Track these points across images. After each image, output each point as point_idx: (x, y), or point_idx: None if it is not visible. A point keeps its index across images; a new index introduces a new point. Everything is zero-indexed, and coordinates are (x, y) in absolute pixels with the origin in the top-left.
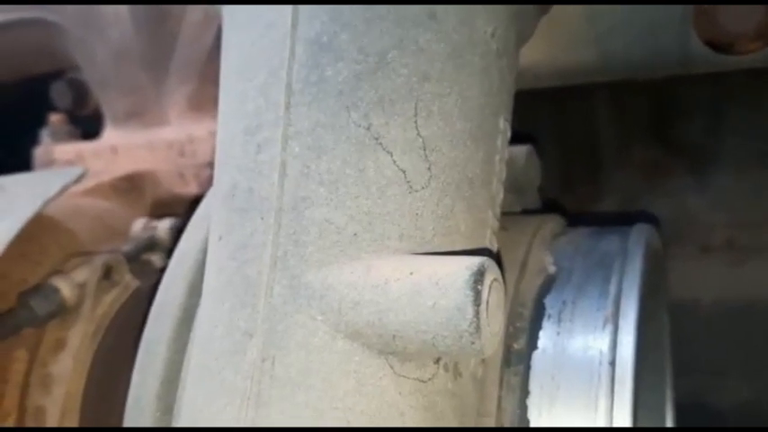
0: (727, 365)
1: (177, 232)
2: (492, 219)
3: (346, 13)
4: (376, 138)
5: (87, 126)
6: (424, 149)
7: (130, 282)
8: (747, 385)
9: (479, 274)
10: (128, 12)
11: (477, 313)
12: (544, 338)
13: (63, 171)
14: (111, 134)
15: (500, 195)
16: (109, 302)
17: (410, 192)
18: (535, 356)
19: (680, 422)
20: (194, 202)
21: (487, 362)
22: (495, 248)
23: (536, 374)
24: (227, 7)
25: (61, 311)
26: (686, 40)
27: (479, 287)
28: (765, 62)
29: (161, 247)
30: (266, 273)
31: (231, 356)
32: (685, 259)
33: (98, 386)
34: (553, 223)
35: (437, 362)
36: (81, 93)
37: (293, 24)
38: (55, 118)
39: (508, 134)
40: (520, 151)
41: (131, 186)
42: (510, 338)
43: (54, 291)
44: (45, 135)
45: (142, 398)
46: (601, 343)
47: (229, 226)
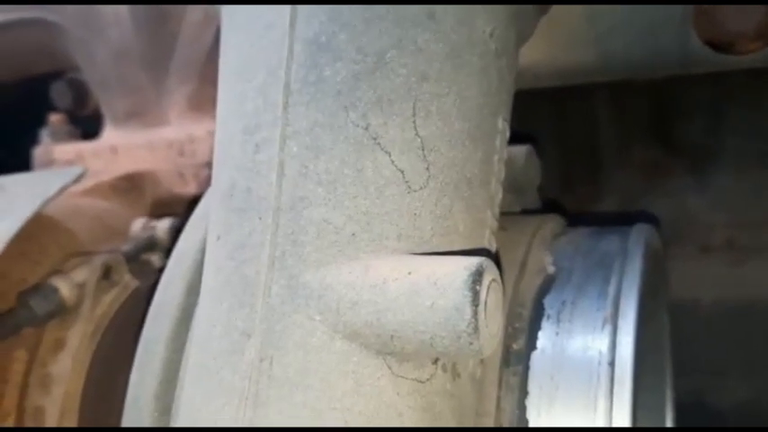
0: (726, 365)
1: (177, 232)
2: (491, 219)
3: (345, 13)
4: (374, 138)
5: (87, 126)
6: (423, 149)
7: (130, 282)
8: (747, 385)
9: (478, 275)
10: (128, 12)
11: (475, 314)
12: (543, 339)
13: (62, 171)
14: (110, 134)
15: (499, 195)
16: (108, 302)
17: (408, 192)
18: (534, 357)
19: (680, 422)
20: (194, 202)
21: (486, 362)
22: (493, 249)
23: (535, 375)
24: (225, 8)
25: (60, 311)
26: (686, 40)
27: (478, 287)
28: (765, 62)
29: (160, 247)
30: (264, 272)
31: (229, 356)
32: (685, 259)
33: (97, 386)
34: (553, 223)
35: (435, 362)
36: (81, 93)
37: (291, 24)
38: (55, 118)
39: (507, 134)
40: (519, 151)
41: (131, 186)
42: (509, 339)
43: (53, 291)
44: (45, 135)
45: (140, 397)
46: (600, 343)
47: (227, 226)
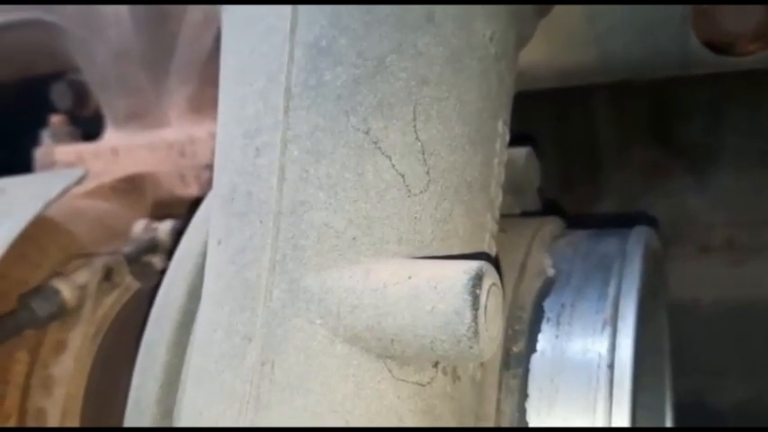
0: (726, 365)
1: (178, 234)
2: (491, 222)
3: (345, 18)
4: (375, 142)
5: (88, 127)
6: (423, 153)
7: (131, 283)
8: (747, 385)
9: (478, 279)
10: (128, 12)
11: (475, 318)
12: (543, 341)
13: (64, 173)
14: (111, 135)
15: (499, 199)
16: (109, 304)
17: (409, 196)
18: (534, 359)
19: (680, 423)
20: (195, 204)
21: (486, 365)
22: (493, 252)
23: (535, 377)
24: (226, 10)
25: (62, 313)
26: (686, 41)
27: (478, 291)
28: (765, 63)
29: (162, 249)
30: (265, 276)
31: (230, 360)
32: (685, 259)
33: (99, 388)
34: (552, 225)
35: (436, 366)
36: (81, 94)
37: (292, 28)
38: (55, 119)
39: (507, 137)
40: (519, 153)
41: (132, 187)
42: (509, 341)
43: (55, 292)
44: (45, 136)
45: (142, 401)
46: (599, 346)
47: (228, 230)
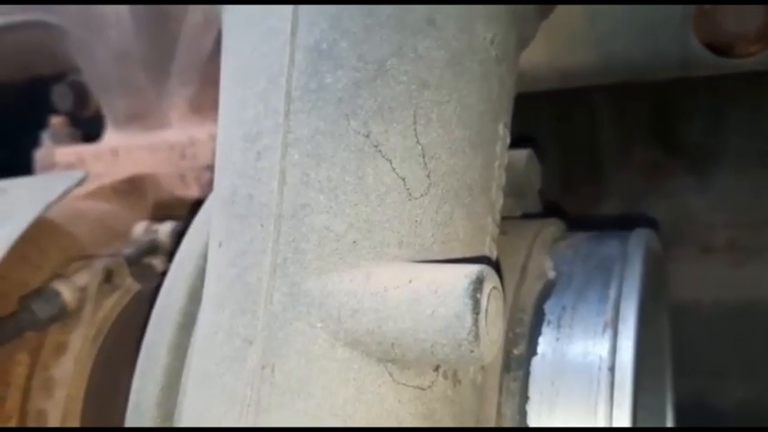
0: (727, 366)
1: (178, 235)
2: (491, 225)
3: (346, 20)
4: (375, 145)
5: (88, 128)
6: (424, 157)
7: (131, 285)
8: (748, 386)
9: (478, 283)
10: (129, 13)
11: (475, 321)
12: (544, 344)
13: (64, 174)
14: (111, 136)
15: (499, 202)
16: (110, 306)
17: (409, 199)
18: (535, 362)
19: (680, 423)
20: (195, 205)
21: (487, 368)
22: (494, 256)
23: (536, 380)
24: (226, 12)
25: (62, 315)
26: (686, 42)
27: (478, 295)
28: (766, 65)
29: (162, 251)
30: (266, 280)
31: (231, 363)
32: (686, 260)
33: (99, 390)
34: (553, 227)
35: (436, 369)
36: (82, 95)
37: (293, 31)
38: (56, 120)
39: (507, 140)
40: (520, 155)
41: (132, 189)
42: (510, 344)
43: (55, 294)
44: (46, 137)
45: (142, 403)
46: (600, 348)
47: (229, 232)
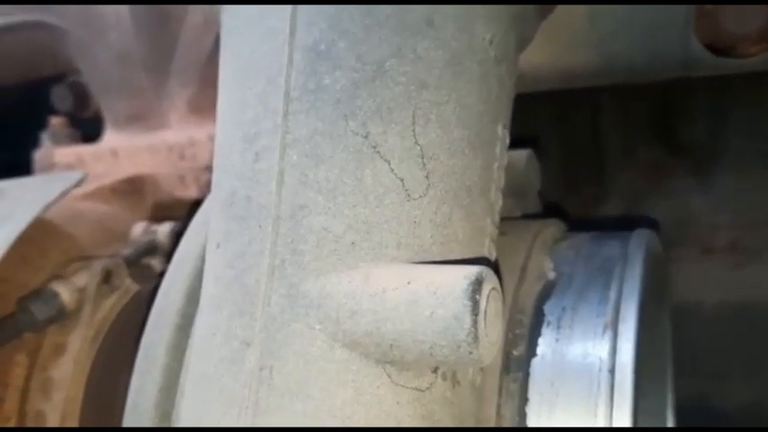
0: (729, 367)
1: (177, 236)
2: (490, 226)
3: (344, 21)
4: (374, 146)
5: (88, 129)
6: (422, 158)
7: (130, 286)
8: (750, 387)
9: (477, 284)
10: (128, 14)
11: (474, 323)
12: (543, 345)
13: (63, 175)
14: (111, 137)
15: (499, 203)
16: (109, 307)
17: (408, 200)
18: (534, 363)
19: (681, 424)
20: (194, 206)
21: (486, 369)
22: (493, 257)
23: (535, 381)
24: (225, 12)
25: (61, 316)
26: (688, 43)
27: (477, 297)
28: (767, 65)
29: (161, 251)
30: (264, 281)
31: (229, 365)
32: (688, 261)
33: (98, 391)
34: (553, 228)
35: (435, 371)
36: (82, 96)
37: (291, 32)
38: (55, 121)
39: (507, 141)
40: (520, 156)
41: (132, 190)
42: (509, 345)
43: (54, 295)
44: (45, 138)
45: (140, 404)
46: (600, 350)
47: (227, 233)
